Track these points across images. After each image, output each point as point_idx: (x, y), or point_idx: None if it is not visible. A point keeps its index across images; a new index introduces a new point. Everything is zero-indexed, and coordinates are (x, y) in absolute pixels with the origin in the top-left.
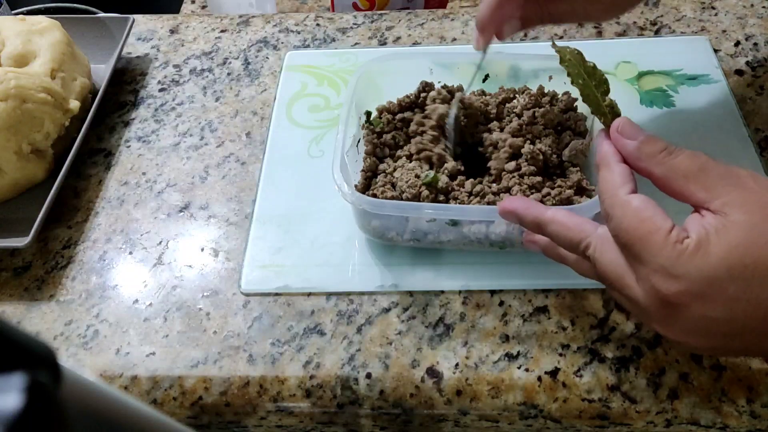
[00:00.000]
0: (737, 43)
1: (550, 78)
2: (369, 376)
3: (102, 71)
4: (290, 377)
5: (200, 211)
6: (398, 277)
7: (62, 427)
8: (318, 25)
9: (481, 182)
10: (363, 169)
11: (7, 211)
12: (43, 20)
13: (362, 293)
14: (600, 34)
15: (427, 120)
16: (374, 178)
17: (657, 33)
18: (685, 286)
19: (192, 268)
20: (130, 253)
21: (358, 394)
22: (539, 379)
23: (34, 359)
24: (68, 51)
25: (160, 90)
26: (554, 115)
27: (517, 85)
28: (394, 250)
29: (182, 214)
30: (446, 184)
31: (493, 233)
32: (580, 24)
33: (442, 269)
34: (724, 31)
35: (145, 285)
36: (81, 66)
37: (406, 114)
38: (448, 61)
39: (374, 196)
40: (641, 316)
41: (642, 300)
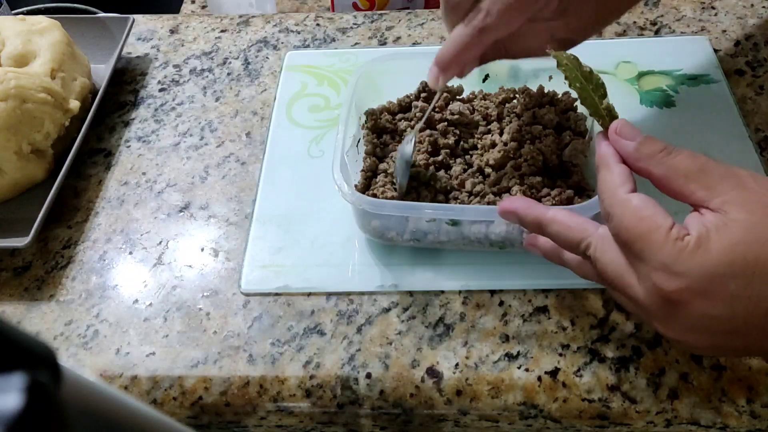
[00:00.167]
0: (737, 43)
1: (550, 78)
2: (369, 376)
3: (102, 71)
4: (290, 377)
5: (200, 211)
6: (398, 277)
7: (62, 427)
8: (318, 25)
9: (482, 182)
10: (363, 169)
11: (7, 211)
12: (43, 20)
13: (362, 293)
14: (600, 34)
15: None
16: (374, 178)
17: (657, 33)
18: (686, 283)
19: (192, 268)
20: (130, 253)
21: (358, 394)
22: (539, 379)
23: (34, 359)
24: (68, 51)
25: (160, 90)
26: (554, 115)
27: (517, 85)
28: (394, 250)
29: (182, 214)
30: (446, 182)
31: (493, 233)
32: None
33: (442, 269)
34: (724, 31)
35: (145, 285)
36: (81, 66)
37: (407, 114)
38: None
39: (374, 196)
40: (642, 315)
41: (643, 298)
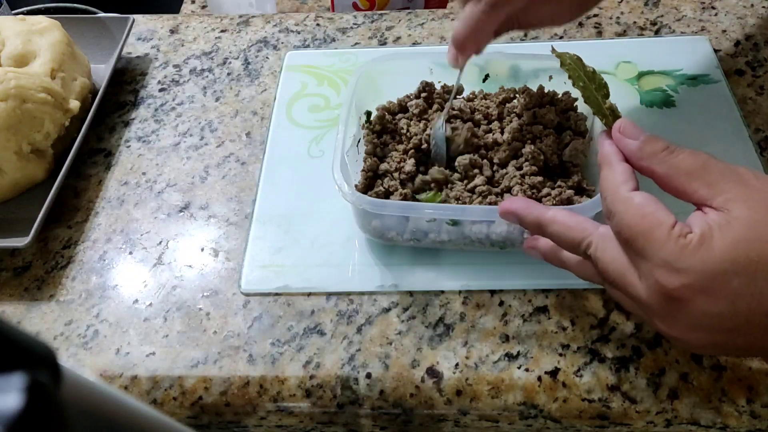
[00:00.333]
0: (737, 43)
1: (550, 78)
2: (369, 376)
3: (102, 71)
4: (290, 377)
5: (200, 211)
6: (398, 277)
7: (62, 427)
8: (318, 25)
9: (484, 182)
10: (363, 169)
11: (7, 211)
12: (43, 20)
13: (362, 293)
14: (600, 35)
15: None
16: (374, 178)
17: (657, 33)
18: (688, 280)
19: (192, 268)
20: (130, 253)
21: (358, 394)
22: (539, 379)
23: (34, 359)
24: (68, 51)
25: (160, 90)
26: (554, 115)
27: (517, 85)
28: (394, 250)
29: (182, 214)
30: (445, 175)
31: (494, 233)
32: (580, 24)
33: (442, 269)
34: (724, 31)
35: (145, 285)
36: (81, 66)
37: (407, 115)
38: None
39: (385, 193)
40: (643, 314)
41: (644, 296)
